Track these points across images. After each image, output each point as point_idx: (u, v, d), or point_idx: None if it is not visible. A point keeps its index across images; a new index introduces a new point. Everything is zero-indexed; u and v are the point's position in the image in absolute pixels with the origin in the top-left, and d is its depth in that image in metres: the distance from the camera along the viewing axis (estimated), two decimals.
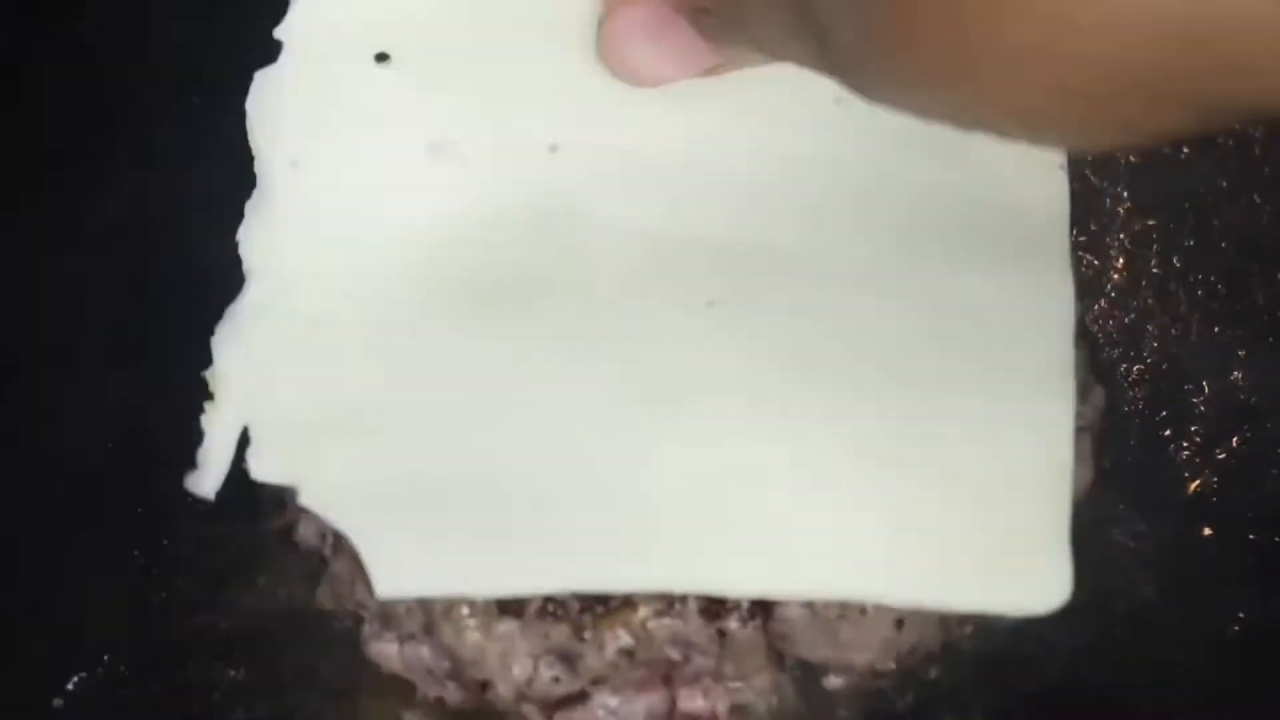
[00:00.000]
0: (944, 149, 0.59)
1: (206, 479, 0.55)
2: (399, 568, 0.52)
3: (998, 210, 0.58)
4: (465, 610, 0.53)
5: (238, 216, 0.58)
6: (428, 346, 0.56)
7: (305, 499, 0.54)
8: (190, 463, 0.55)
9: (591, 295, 0.56)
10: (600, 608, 0.53)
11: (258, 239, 0.58)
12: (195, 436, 0.56)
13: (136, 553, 0.60)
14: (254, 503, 0.58)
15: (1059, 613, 0.53)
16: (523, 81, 0.60)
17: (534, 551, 0.52)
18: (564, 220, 0.58)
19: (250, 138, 0.59)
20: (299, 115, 0.59)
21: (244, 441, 0.55)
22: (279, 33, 0.60)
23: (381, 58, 0.60)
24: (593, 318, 0.56)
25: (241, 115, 0.59)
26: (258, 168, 0.58)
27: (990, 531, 0.52)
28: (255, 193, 0.58)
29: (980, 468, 0.53)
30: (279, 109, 0.59)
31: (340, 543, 0.56)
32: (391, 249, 0.58)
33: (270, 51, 0.60)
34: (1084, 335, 0.58)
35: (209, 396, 0.56)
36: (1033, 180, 0.59)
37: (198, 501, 0.58)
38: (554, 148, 0.59)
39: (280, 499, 0.57)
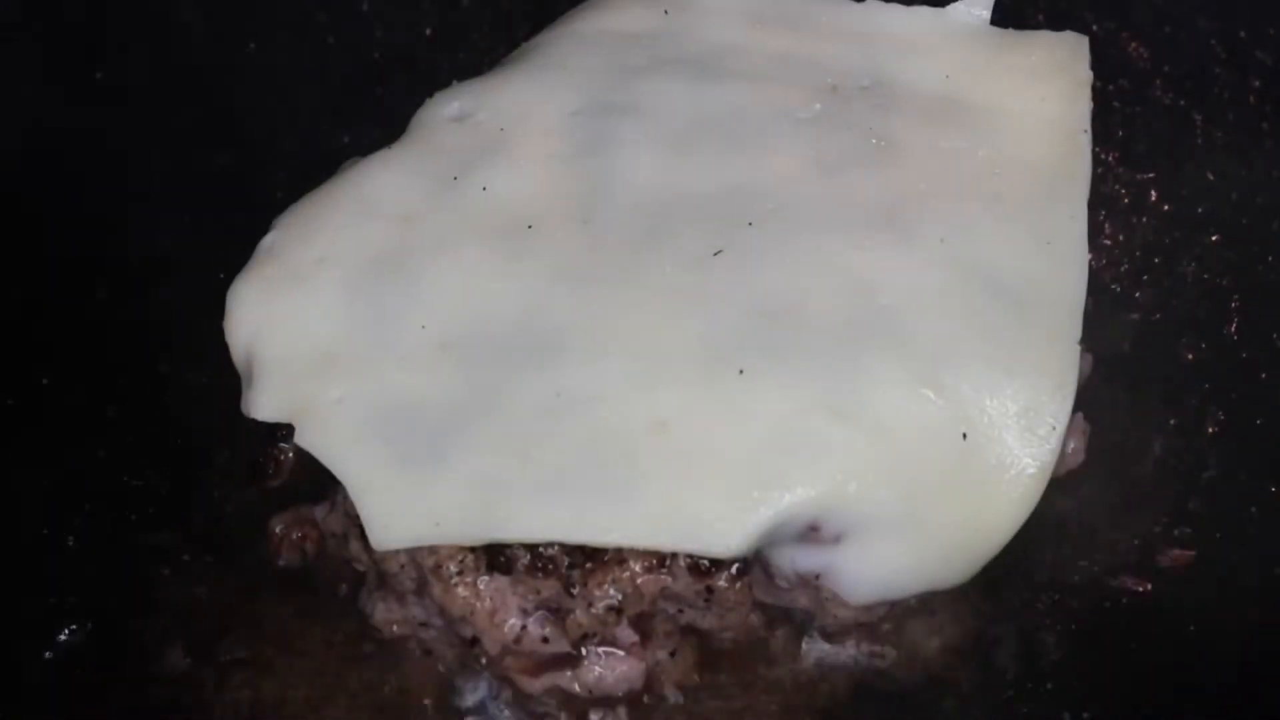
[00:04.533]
0: (965, 113, 0.60)
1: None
2: (392, 516, 0.52)
3: (1016, 173, 0.58)
4: (454, 567, 0.53)
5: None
6: (427, 288, 0.56)
7: (301, 438, 0.54)
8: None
9: (597, 240, 0.57)
10: (590, 564, 0.52)
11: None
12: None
13: (127, 512, 0.60)
14: (248, 467, 0.58)
15: (1040, 586, 0.54)
16: None
17: (525, 499, 0.52)
18: (572, 168, 0.59)
19: None
20: None
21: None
22: None
23: None
24: (597, 263, 0.56)
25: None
26: None
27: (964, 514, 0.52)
28: None
29: (967, 453, 0.52)
30: None
31: (334, 502, 0.56)
32: (399, 192, 0.59)
33: None
34: None
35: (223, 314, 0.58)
36: (1054, 145, 0.59)
37: (194, 466, 0.60)
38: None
39: (276, 463, 0.57)
